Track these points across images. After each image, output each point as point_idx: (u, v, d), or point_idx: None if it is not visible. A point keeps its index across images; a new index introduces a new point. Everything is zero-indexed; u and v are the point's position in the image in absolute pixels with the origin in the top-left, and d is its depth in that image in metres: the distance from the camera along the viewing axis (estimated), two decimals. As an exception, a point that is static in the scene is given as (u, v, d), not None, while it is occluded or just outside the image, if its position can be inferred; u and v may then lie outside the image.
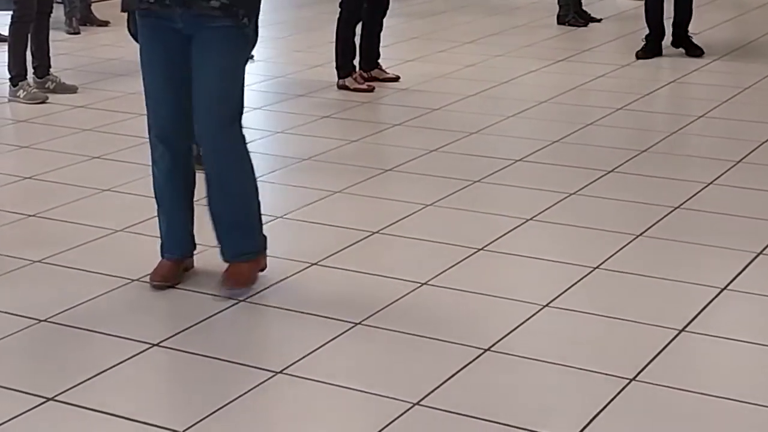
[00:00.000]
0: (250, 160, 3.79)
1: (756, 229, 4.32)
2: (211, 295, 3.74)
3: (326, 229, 4.39)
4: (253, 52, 3.83)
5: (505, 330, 3.46)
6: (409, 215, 4.53)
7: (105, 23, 8.81)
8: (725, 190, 4.80)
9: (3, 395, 3.08)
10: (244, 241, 3.79)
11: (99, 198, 4.77)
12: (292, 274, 3.92)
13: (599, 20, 8.84)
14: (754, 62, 7.29)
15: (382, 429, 2.90)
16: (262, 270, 3.86)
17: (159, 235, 3.90)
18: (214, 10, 3.57)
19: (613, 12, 9.24)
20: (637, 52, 7.51)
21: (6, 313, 3.61)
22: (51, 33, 6.70)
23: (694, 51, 7.46)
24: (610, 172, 5.06)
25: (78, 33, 8.60)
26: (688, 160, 5.34)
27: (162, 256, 3.88)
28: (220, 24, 3.60)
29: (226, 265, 3.81)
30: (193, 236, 3.91)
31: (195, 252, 3.94)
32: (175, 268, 3.84)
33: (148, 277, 3.82)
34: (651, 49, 7.49)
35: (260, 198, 3.86)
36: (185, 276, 3.86)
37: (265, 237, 3.87)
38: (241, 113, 3.75)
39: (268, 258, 3.92)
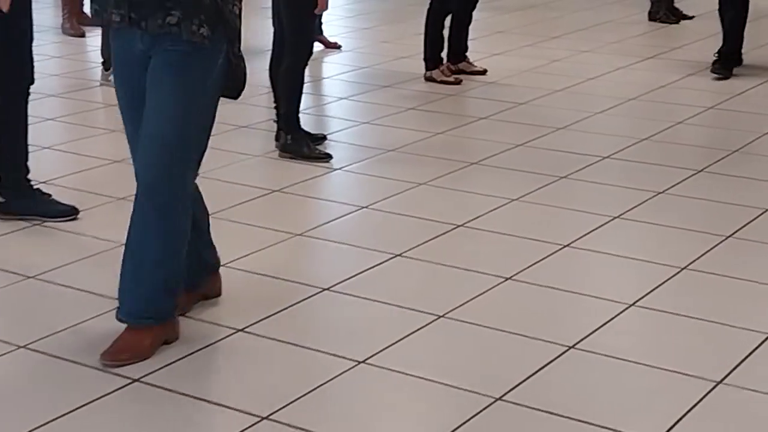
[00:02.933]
0: (185, 219, 3.19)
1: None
2: (296, 282, 3.76)
3: (410, 220, 4.39)
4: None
5: (590, 328, 3.42)
6: (494, 209, 4.50)
7: None
8: (819, 194, 4.70)
9: (92, 376, 3.13)
10: (145, 303, 3.20)
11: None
12: (376, 265, 3.92)
13: (691, 17, 8.70)
14: None
15: (464, 423, 2.89)
16: (168, 342, 3.25)
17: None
18: (170, 27, 3.06)
19: (705, 9, 9.07)
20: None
21: (93, 293, 3.67)
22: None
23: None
24: (699, 171, 4.97)
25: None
26: (779, 162, 5.23)
27: None
28: (179, 47, 3.07)
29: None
30: (198, 266, 3.43)
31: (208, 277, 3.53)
32: (182, 300, 3.36)
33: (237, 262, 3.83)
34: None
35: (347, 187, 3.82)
36: (272, 263, 3.87)
37: (173, 306, 3.26)
38: (198, 161, 3.18)
39: (356, 248, 3.91)
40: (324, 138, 5.37)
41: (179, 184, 3.13)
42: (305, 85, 5.20)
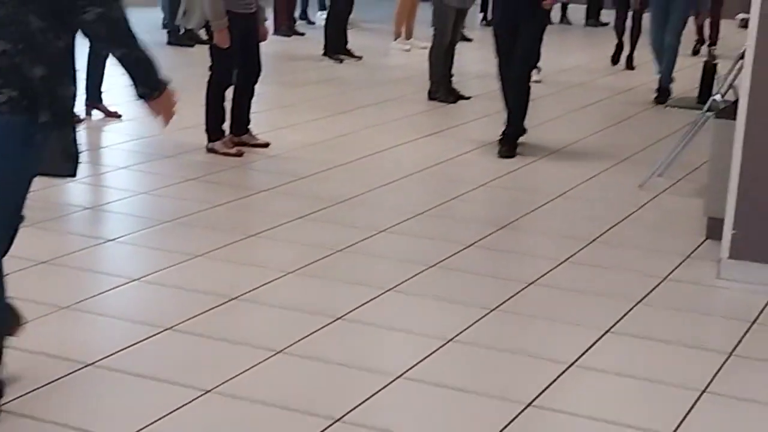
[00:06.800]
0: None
1: (606, 306, 4.44)
2: (60, 358, 3.65)
3: (183, 293, 4.35)
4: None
5: (357, 400, 3.46)
6: (270, 282, 4.52)
7: None
8: (578, 268, 4.93)
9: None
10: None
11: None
12: (145, 339, 3.86)
13: (468, 98, 9.04)
14: (585, 159, 7.53)
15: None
16: None
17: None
18: None
19: (480, 91, 9.44)
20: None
21: None
22: None
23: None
24: (469, 246, 5.14)
25: None
26: (542, 237, 5.45)
27: None
28: None
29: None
30: None
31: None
32: None
33: None
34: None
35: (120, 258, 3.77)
36: (37, 338, 3.75)
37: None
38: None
39: (125, 322, 3.83)
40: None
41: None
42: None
